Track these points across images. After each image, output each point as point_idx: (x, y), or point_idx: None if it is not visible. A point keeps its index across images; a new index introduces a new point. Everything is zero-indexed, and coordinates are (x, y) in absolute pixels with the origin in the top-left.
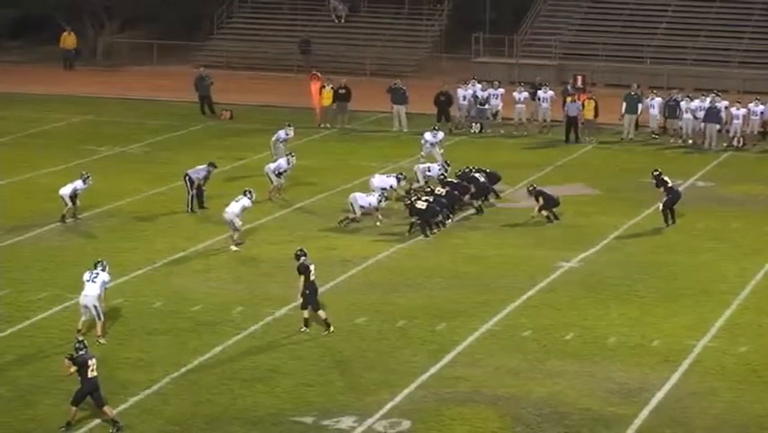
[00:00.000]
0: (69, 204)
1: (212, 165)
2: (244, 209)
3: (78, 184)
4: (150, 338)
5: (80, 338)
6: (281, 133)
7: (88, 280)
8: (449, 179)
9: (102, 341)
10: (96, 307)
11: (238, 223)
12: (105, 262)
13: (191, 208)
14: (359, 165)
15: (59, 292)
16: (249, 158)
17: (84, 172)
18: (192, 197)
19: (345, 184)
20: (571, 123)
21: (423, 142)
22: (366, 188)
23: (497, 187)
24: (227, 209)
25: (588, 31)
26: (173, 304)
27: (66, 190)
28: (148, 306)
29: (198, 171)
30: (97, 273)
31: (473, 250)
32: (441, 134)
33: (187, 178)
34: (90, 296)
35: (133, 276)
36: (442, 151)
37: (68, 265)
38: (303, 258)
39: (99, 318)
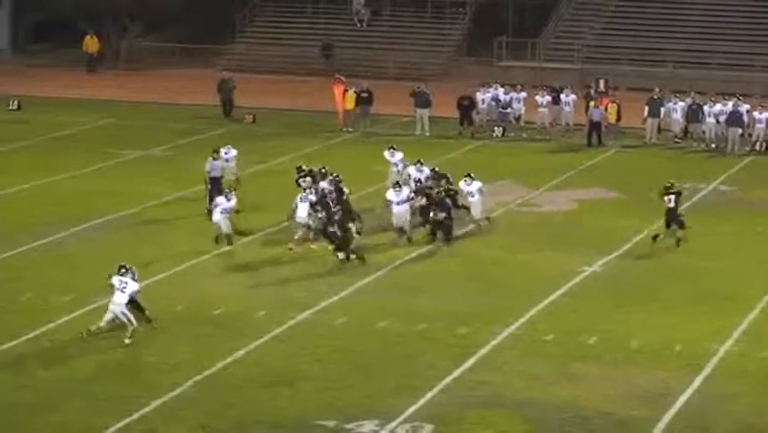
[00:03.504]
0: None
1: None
2: (225, 211)
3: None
4: (173, 342)
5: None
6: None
7: (118, 289)
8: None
9: (126, 342)
10: (124, 314)
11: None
12: (133, 270)
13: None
14: (381, 169)
15: (81, 296)
16: (271, 161)
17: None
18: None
19: (368, 188)
20: (594, 127)
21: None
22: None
23: None
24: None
25: (611, 34)
26: (195, 308)
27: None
28: (171, 309)
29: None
30: (126, 283)
31: (495, 254)
32: (399, 154)
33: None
34: (118, 304)
35: (156, 279)
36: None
37: (91, 268)
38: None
39: (131, 324)
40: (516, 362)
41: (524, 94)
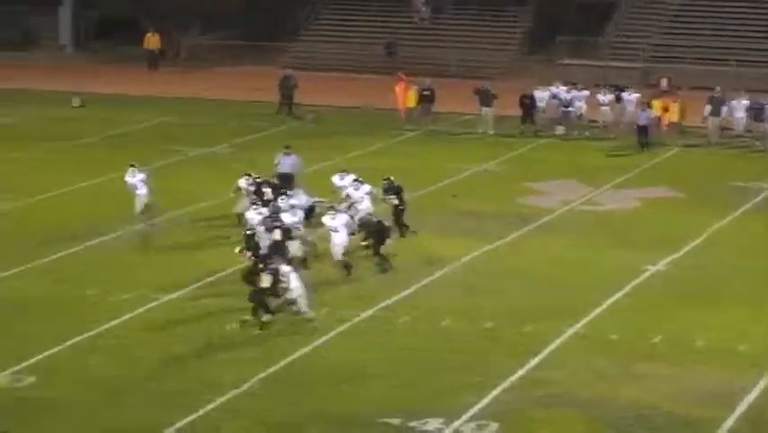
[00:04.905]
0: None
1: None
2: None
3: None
4: (238, 339)
5: None
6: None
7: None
8: None
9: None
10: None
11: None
12: None
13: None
14: (444, 167)
15: (144, 293)
16: (333, 159)
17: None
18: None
19: (429, 186)
20: (641, 131)
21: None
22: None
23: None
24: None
25: (674, 33)
26: None
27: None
28: (235, 306)
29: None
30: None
31: (558, 252)
32: (350, 177)
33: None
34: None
35: (220, 276)
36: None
37: (154, 265)
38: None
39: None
40: (581, 360)
41: (585, 92)
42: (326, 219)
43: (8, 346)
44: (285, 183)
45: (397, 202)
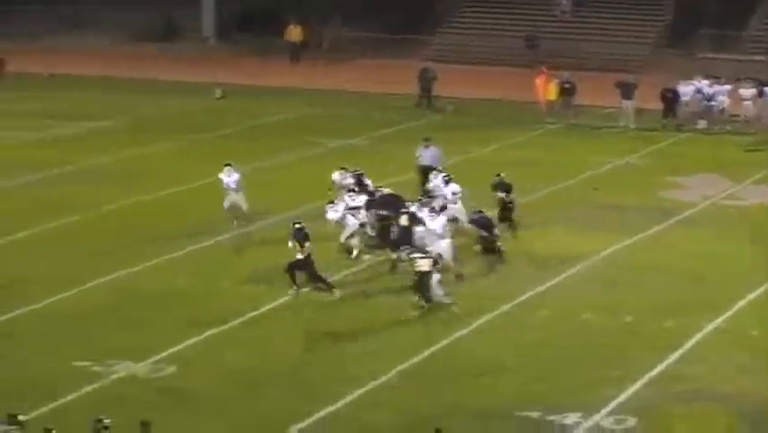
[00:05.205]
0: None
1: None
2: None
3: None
4: (379, 330)
5: None
6: None
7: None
8: None
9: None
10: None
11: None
12: None
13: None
14: (585, 160)
15: (281, 285)
16: (473, 152)
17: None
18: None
19: (570, 179)
20: None
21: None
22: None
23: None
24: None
25: None
26: (398, 297)
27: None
28: (373, 299)
29: None
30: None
31: (700, 247)
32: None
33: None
34: None
35: (359, 269)
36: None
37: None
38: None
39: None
40: (722, 355)
41: (728, 86)
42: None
43: (149, 336)
44: (425, 175)
45: (503, 196)
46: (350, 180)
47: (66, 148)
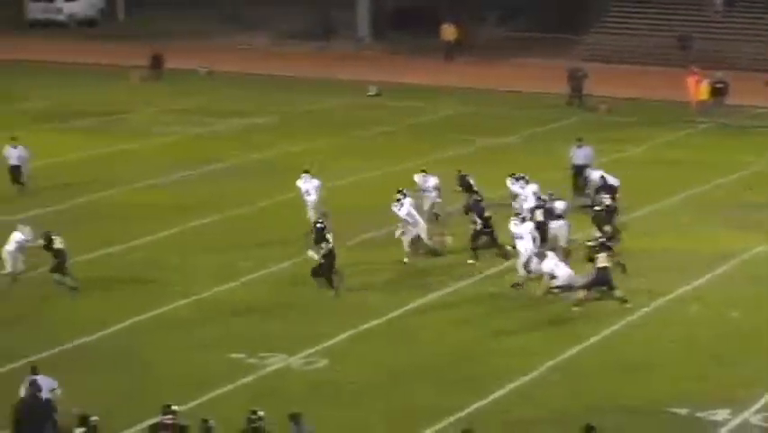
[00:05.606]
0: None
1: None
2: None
3: None
4: (524, 327)
5: None
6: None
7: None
8: None
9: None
10: None
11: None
12: None
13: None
14: (736, 159)
15: (433, 281)
16: (627, 151)
17: None
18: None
19: (720, 178)
20: None
21: None
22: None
23: None
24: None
25: None
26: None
27: None
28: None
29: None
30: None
31: None
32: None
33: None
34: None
35: (506, 266)
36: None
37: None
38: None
39: None
40: None
41: None
42: (511, 226)
43: (301, 330)
44: (579, 174)
45: (609, 202)
46: (432, 183)
47: (222, 144)
